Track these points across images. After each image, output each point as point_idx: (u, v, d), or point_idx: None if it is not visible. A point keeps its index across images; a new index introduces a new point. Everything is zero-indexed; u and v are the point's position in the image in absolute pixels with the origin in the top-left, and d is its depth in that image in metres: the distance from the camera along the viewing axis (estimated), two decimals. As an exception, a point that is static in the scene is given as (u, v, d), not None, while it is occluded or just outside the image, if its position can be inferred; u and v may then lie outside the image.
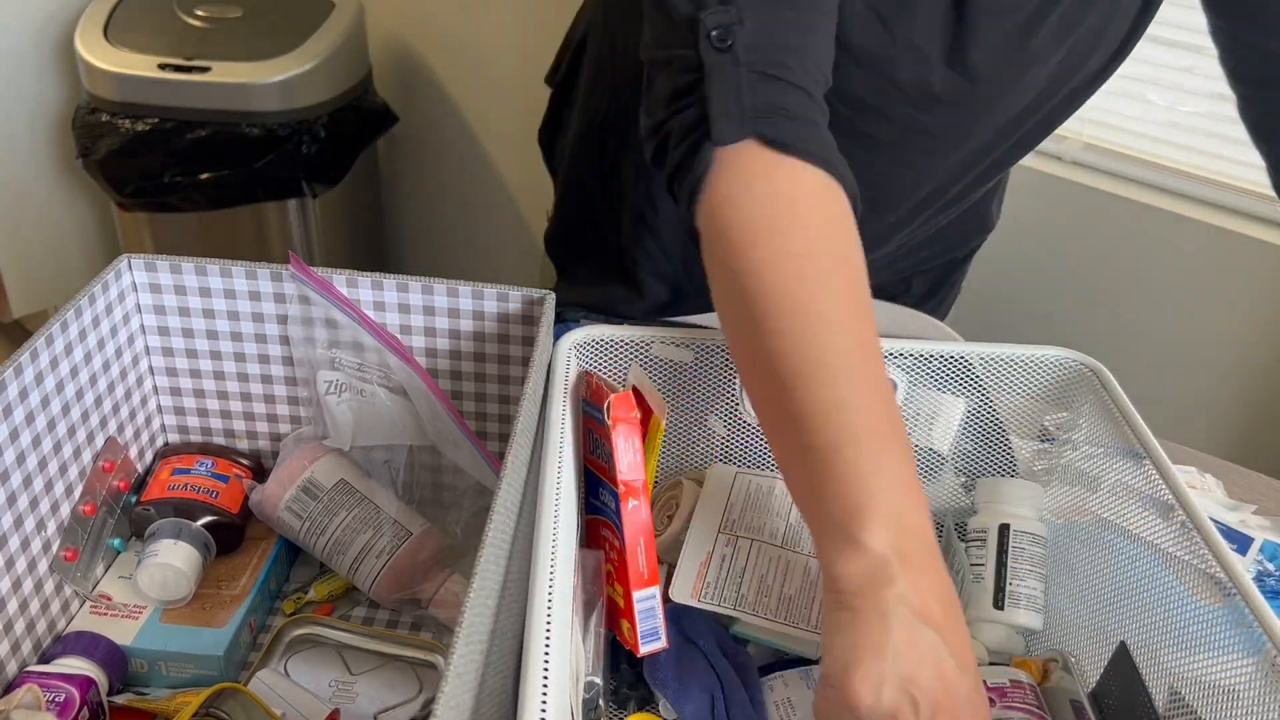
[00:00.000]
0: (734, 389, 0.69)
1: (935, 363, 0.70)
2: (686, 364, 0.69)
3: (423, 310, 0.70)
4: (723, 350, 0.68)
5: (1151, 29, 0.77)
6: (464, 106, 1.90)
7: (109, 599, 0.67)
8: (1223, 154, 1.64)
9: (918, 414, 0.71)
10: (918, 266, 0.97)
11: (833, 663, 0.47)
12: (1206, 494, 0.85)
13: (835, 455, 0.50)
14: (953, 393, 0.71)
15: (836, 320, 0.53)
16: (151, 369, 0.74)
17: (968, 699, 0.47)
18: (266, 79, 1.51)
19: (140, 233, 1.68)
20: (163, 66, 1.54)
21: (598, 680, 0.60)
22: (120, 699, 0.62)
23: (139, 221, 1.67)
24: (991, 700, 0.58)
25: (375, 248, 1.95)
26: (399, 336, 0.72)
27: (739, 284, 0.54)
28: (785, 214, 0.55)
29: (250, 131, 1.54)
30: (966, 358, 0.70)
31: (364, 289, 0.70)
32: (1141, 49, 0.79)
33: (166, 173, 1.56)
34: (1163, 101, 1.66)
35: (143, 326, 0.72)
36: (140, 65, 1.55)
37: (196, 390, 0.75)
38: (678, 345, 0.68)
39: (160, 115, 1.55)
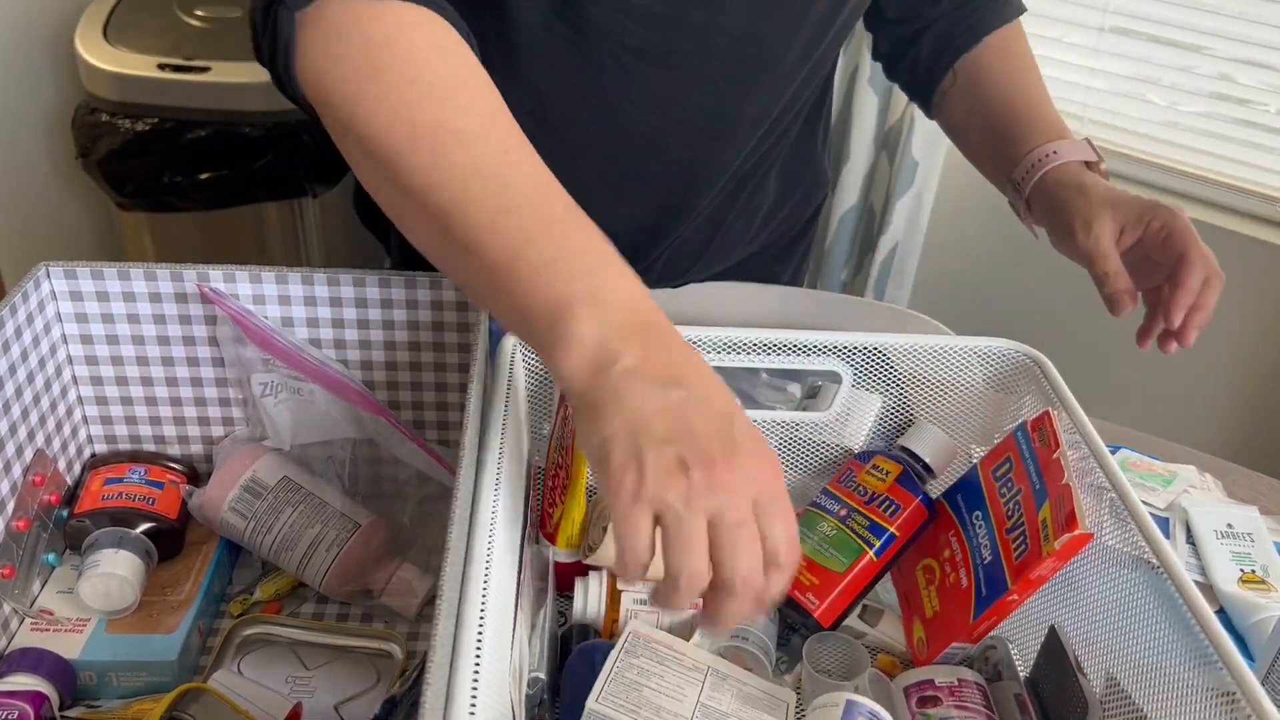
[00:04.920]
0: None
1: (878, 355, 0.71)
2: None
3: (355, 303, 0.70)
4: None
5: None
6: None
7: (50, 614, 0.66)
8: (1222, 154, 1.67)
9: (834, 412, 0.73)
10: (773, 236, 0.98)
11: (592, 463, 0.46)
12: (1207, 493, 0.87)
13: (517, 263, 0.48)
14: (898, 386, 0.73)
15: (472, 133, 0.51)
16: (75, 379, 0.73)
17: (735, 441, 0.45)
18: (266, 79, 1.47)
19: (140, 233, 1.66)
20: (162, 66, 1.53)
21: (542, 676, 0.61)
22: (72, 713, 0.61)
23: (139, 221, 1.64)
24: (938, 699, 0.61)
25: (376, 247, 1.93)
26: (334, 331, 0.72)
27: (363, 132, 0.52)
28: (388, 48, 0.53)
29: (250, 131, 1.53)
30: (915, 350, 0.71)
31: (294, 285, 0.70)
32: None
33: (166, 173, 1.54)
34: (1162, 101, 1.69)
35: (64, 336, 0.71)
36: (140, 65, 1.54)
37: (124, 398, 0.74)
38: None
39: (160, 115, 1.54)
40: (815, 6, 0.76)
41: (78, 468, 0.74)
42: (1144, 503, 0.65)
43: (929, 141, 1.76)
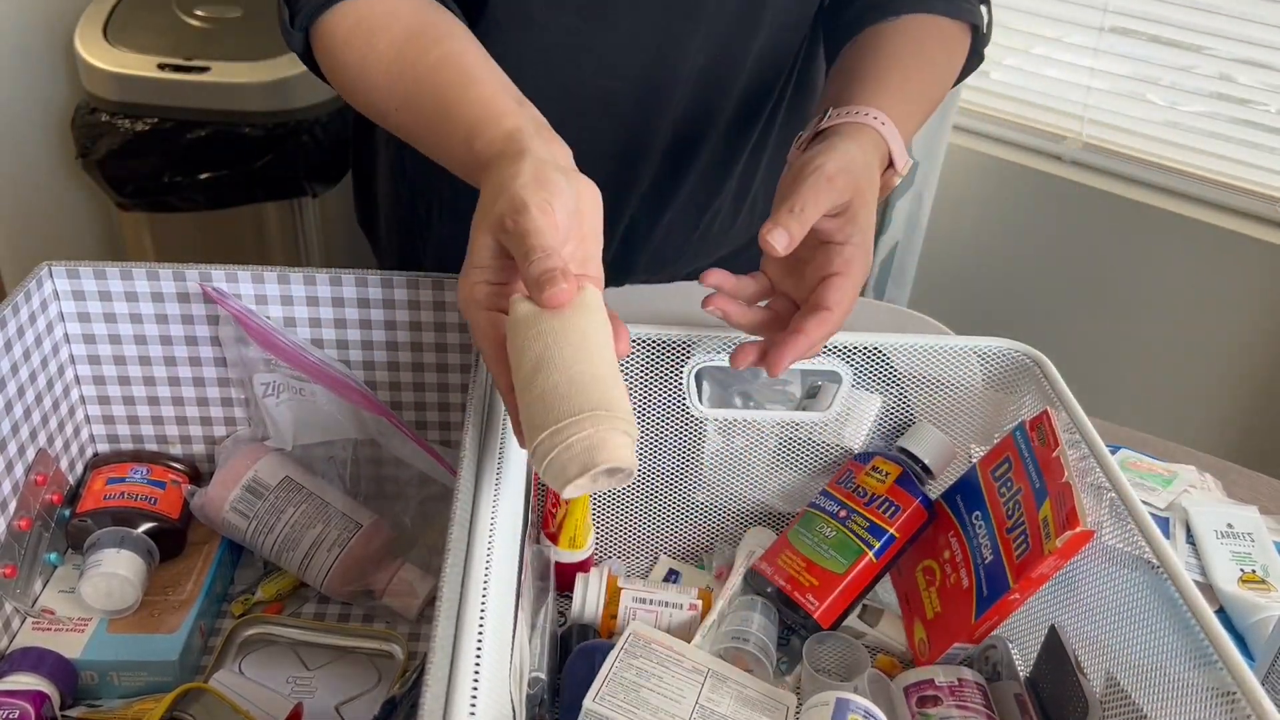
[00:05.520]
0: (648, 386, 0.71)
1: (878, 355, 0.71)
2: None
3: (357, 303, 0.71)
4: (639, 345, 0.69)
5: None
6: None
7: (52, 613, 0.66)
8: (1222, 154, 1.66)
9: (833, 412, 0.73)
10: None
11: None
12: (1207, 493, 0.86)
13: (463, 163, 0.60)
14: (898, 386, 0.73)
15: (393, 104, 0.65)
16: (78, 378, 0.73)
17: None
18: (266, 79, 1.51)
19: (140, 233, 1.67)
20: (162, 66, 1.54)
21: (543, 676, 0.61)
22: (74, 712, 0.62)
23: (139, 221, 1.65)
24: (939, 699, 0.61)
25: (376, 247, 1.95)
26: (336, 331, 0.72)
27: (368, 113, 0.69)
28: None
29: (250, 131, 1.54)
30: (915, 350, 0.71)
31: (296, 285, 0.70)
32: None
33: (166, 173, 1.55)
34: (1162, 101, 1.69)
35: (67, 335, 0.71)
36: (140, 65, 1.54)
37: (126, 398, 0.74)
38: None
39: (160, 115, 1.54)
40: None
41: (80, 467, 0.74)
42: (1144, 503, 0.65)
43: (929, 141, 1.76)
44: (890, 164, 0.68)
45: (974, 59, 0.82)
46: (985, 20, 0.80)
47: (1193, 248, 1.66)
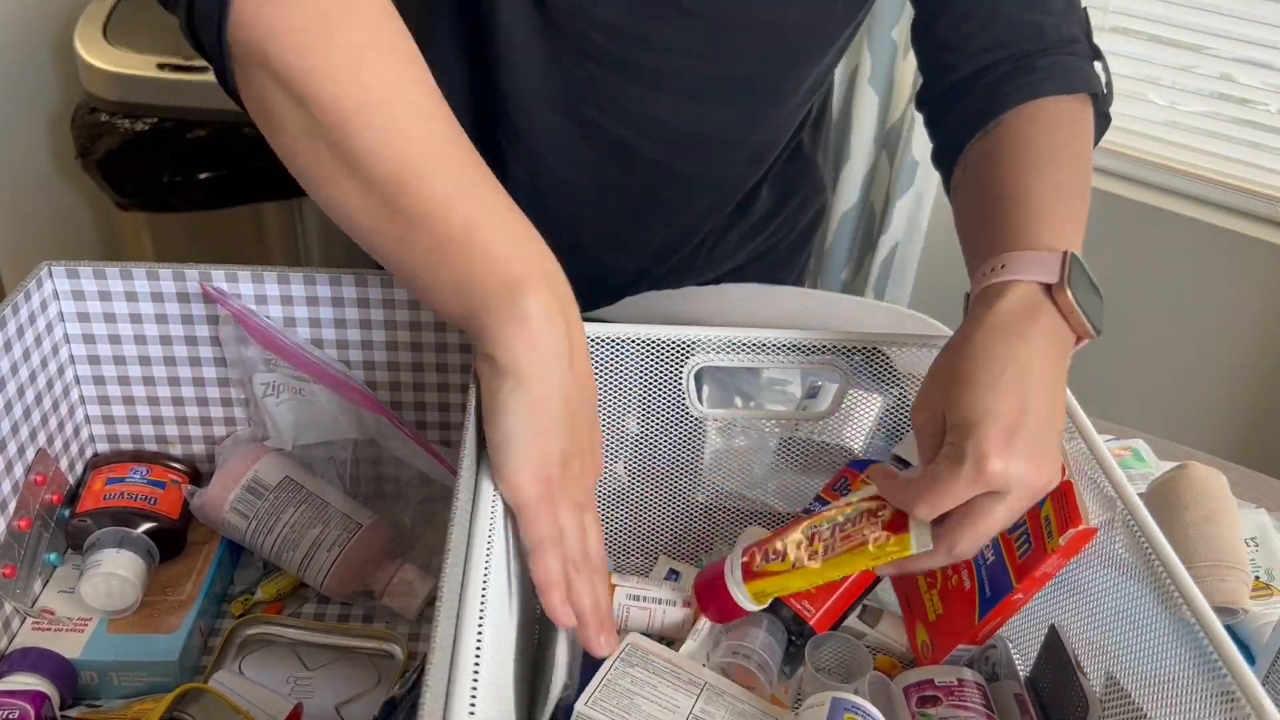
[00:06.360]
0: (648, 386, 0.70)
1: (878, 355, 0.71)
2: (602, 360, 0.70)
3: (357, 303, 0.71)
4: (639, 345, 0.69)
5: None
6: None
7: (52, 613, 0.66)
8: (1223, 153, 1.66)
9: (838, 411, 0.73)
10: (769, 243, 0.97)
11: (515, 434, 0.52)
12: None
13: (474, 237, 0.51)
14: (898, 386, 0.73)
15: (427, 108, 0.52)
16: (78, 378, 0.73)
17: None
18: None
19: (140, 233, 1.67)
20: (162, 66, 1.54)
21: (571, 681, 0.61)
22: (73, 713, 0.62)
23: (138, 221, 1.65)
24: (938, 699, 0.60)
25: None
26: (336, 331, 0.72)
27: (306, 92, 0.50)
28: (343, 6, 0.50)
29: (250, 131, 1.53)
30: (914, 349, 0.71)
31: (296, 285, 0.70)
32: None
33: (166, 173, 1.56)
34: (1162, 101, 1.69)
35: (66, 335, 0.71)
36: (139, 65, 1.55)
37: (125, 398, 0.74)
38: (595, 342, 0.69)
39: (159, 115, 1.55)
40: (788, 37, 0.74)
41: (80, 467, 0.74)
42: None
43: (929, 141, 1.76)
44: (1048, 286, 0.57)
45: (1101, 123, 0.73)
46: (1104, 80, 0.72)
47: (1193, 248, 1.66)
